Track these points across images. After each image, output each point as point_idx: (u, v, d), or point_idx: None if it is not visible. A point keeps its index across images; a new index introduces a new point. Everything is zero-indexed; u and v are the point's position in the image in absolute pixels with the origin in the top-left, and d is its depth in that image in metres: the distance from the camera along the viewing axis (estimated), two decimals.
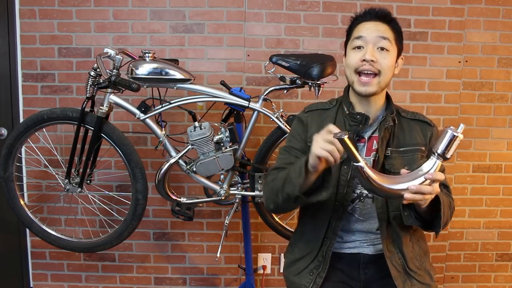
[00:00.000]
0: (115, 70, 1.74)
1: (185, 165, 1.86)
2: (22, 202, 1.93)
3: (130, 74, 1.76)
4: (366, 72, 1.17)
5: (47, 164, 2.04)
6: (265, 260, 2.34)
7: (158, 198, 2.20)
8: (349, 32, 1.26)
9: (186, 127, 1.83)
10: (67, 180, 1.88)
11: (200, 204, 2.05)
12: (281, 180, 1.16)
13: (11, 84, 2.20)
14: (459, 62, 2.25)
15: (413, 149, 1.24)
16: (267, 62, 1.84)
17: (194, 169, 1.84)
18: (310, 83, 1.78)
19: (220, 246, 1.94)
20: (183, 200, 1.93)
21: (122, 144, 1.80)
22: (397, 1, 2.20)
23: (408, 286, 1.21)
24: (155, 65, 1.75)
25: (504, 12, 2.23)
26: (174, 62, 1.87)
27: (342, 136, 0.96)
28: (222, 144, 1.85)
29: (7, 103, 2.21)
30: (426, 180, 1.00)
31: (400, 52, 1.24)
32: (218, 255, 1.90)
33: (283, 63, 1.79)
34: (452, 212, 1.21)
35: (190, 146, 1.84)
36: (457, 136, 0.98)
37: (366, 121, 1.21)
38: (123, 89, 1.66)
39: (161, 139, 1.85)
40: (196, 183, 1.94)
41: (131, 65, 1.77)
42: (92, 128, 1.79)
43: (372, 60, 1.15)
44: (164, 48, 2.20)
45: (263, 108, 1.86)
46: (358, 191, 1.24)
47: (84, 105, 1.77)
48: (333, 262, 1.25)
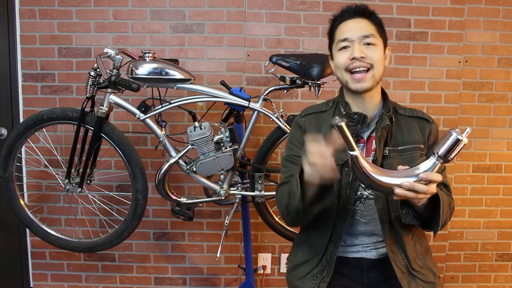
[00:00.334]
0: (115, 70, 1.74)
1: (185, 165, 1.86)
2: (22, 202, 1.93)
3: (130, 74, 1.76)
4: (358, 70, 1.16)
5: (47, 164, 2.04)
6: (265, 260, 2.34)
7: (158, 198, 2.19)
8: (330, 34, 1.24)
9: (186, 127, 1.83)
10: (67, 180, 1.88)
11: (200, 204, 2.05)
12: (286, 195, 1.16)
13: (11, 84, 2.20)
14: (459, 62, 2.25)
15: (411, 147, 1.22)
16: (267, 62, 1.84)
17: (194, 169, 1.84)
18: (310, 83, 1.78)
19: (220, 246, 1.94)
20: (183, 200, 1.93)
21: (122, 144, 1.80)
22: (397, 1, 2.19)
23: (413, 286, 1.20)
24: (155, 65, 1.75)
25: (504, 12, 2.23)
26: (174, 62, 1.87)
27: (339, 122, 0.94)
28: (222, 144, 1.84)
29: (7, 103, 2.21)
30: (422, 180, 0.98)
31: (385, 43, 1.22)
32: (218, 255, 1.90)
33: (283, 63, 1.79)
34: (452, 212, 1.20)
35: (190, 146, 1.84)
36: (461, 140, 0.95)
37: (364, 120, 1.20)
38: (123, 89, 1.66)
39: (161, 139, 1.85)
40: (196, 183, 1.94)
41: (131, 65, 1.77)
42: (92, 128, 1.79)
43: (362, 57, 1.15)
44: (164, 48, 2.20)
45: (263, 108, 1.86)
46: (359, 193, 1.23)
47: (84, 105, 1.77)
48: (336, 266, 1.24)
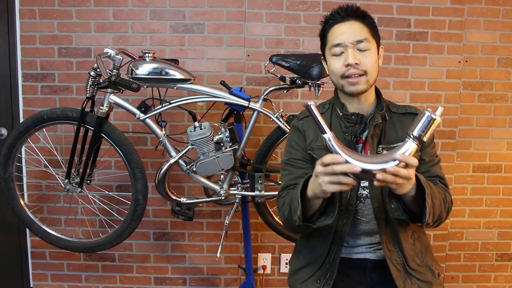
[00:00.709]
0: (115, 70, 1.74)
1: (185, 165, 1.86)
2: (22, 202, 1.93)
3: (130, 74, 1.76)
4: (353, 76, 1.16)
5: (47, 164, 2.04)
6: (265, 260, 2.34)
7: (158, 198, 2.19)
8: (322, 36, 1.22)
9: (186, 127, 1.83)
10: (67, 180, 1.88)
11: (200, 204, 2.05)
12: (288, 208, 1.16)
13: (11, 84, 2.20)
14: (459, 62, 2.25)
15: None
16: (267, 62, 1.84)
17: (194, 169, 1.84)
18: (310, 83, 1.79)
19: (220, 246, 1.94)
20: (183, 200, 1.93)
21: (122, 144, 1.80)
22: (397, 1, 2.19)
23: (408, 285, 1.20)
24: (155, 65, 1.75)
25: (504, 12, 2.23)
26: (174, 62, 1.87)
27: (309, 103, 0.95)
28: (222, 144, 1.84)
29: (7, 103, 2.21)
30: (400, 163, 0.94)
31: (379, 43, 1.21)
32: (218, 255, 1.90)
33: (283, 63, 1.79)
34: (448, 206, 1.17)
35: (190, 146, 1.84)
36: (434, 119, 0.94)
37: (361, 120, 1.20)
38: (123, 89, 1.66)
39: (161, 139, 1.85)
40: (196, 183, 1.94)
41: (131, 65, 1.77)
42: (92, 128, 1.79)
43: (356, 63, 1.14)
44: (164, 48, 2.20)
45: (263, 108, 1.86)
46: (358, 192, 1.23)
47: (84, 105, 1.77)
48: (340, 268, 1.23)
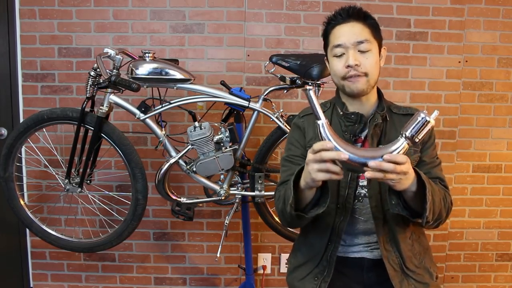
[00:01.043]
0: (115, 70, 1.74)
1: (185, 165, 1.86)
2: (22, 202, 1.93)
3: (130, 74, 1.76)
4: (353, 77, 1.17)
5: (47, 164, 2.04)
6: (265, 260, 2.34)
7: (158, 198, 2.20)
8: (325, 37, 1.24)
9: (186, 127, 1.83)
10: (67, 180, 1.88)
11: (200, 204, 2.05)
12: (282, 199, 1.17)
13: (11, 84, 2.20)
14: (459, 62, 2.25)
15: None
16: (267, 62, 1.84)
17: (194, 169, 1.84)
18: (310, 83, 1.78)
19: (220, 246, 1.94)
20: (183, 200, 1.93)
21: (122, 144, 1.80)
22: (397, 1, 2.19)
23: (405, 286, 1.20)
24: (155, 65, 1.75)
25: (504, 12, 2.23)
26: (174, 62, 1.87)
27: (308, 88, 0.96)
28: (222, 144, 1.85)
29: (7, 103, 2.21)
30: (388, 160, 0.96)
31: (380, 44, 1.22)
32: (218, 255, 1.90)
33: (283, 63, 1.79)
34: (448, 206, 1.18)
35: (190, 146, 1.84)
36: (428, 121, 0.95)
37: (361, 119, 1.21)
38: (123, 89, 1.66)
39: (161, 139, 1.85)
40: (196, 183, 1.94)
41: (131, 65, 1.77)
42: (92, 128, 1.79)
43: (356, 64, 1.15)
44: (164, 48, 2.20)
45: (263, 108, 1.86)
46: (356, 191, 1.23)
47: (84, 105, 1.77)
48: (337, 266, 1.24)
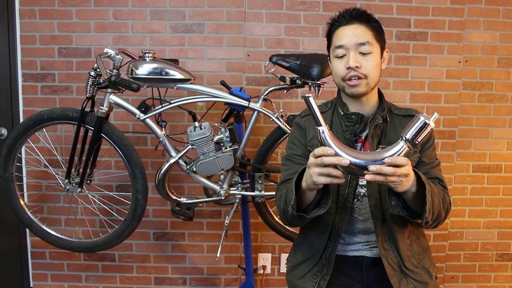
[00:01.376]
0: (115, 70, 1.74)
1: (185, 165, 1.86)
2: (22, 202, 1.93)
3: (130, 74, 1.76)
4: (353, 79, 1.18)
5: (47, 164, 2.04)
6: (265, 260, 2.34)
7: (158, 198, 2.20)
8: (328, 37, 1.26)
9: (186, 127, 1.83)
10: (67, 180, 1.88)
11: (200, 204, 2.05)
12: (283, 199, 1.17)
13: (11, 84, 2.20)
14: (459, 62, 2.25)
15: None
16: (267, 62, 1.84)
17: (194, 169, 1.84)
18: (310, 83, 1.78)
19: (220, 246, 1.94)
20: (183, 200, 1.93)
21: (122, 144, 1.80)
22: (397, 1, 2.19)
23: (403, 285, 1.20)
24: (155, 65, 1.75)
25: (504, 12, 2.23)
26: (174, 62, 1.87)
27: (307, 95, 0.97)
28: (222, 144, 1.84)
29: (7, 103, 2.21)
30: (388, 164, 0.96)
31: (383, 46, 1.23)
32: (218, 255, 1.90)
33: (283, 63, 1.79)
34: (447, 207, 1.18)
35: (190, 146, 1.84)
36: (428, 124, 0.95)
37: (361, 120, 1.22)
38: (123, 89, 1.66)
39: (161, 139, 1.85)
40: (196, 183, 1.94)
41: (131, 65, 1.77)
42: (92, 128, 1.79)
43: (356, 66, 1.16)
44: (164, 48, 2.20)
45: (263, 108, 1.86)
46: (356, 191, 1.23)
47: (84, 105, 1.77)
48: (336, 265, 1.24)
